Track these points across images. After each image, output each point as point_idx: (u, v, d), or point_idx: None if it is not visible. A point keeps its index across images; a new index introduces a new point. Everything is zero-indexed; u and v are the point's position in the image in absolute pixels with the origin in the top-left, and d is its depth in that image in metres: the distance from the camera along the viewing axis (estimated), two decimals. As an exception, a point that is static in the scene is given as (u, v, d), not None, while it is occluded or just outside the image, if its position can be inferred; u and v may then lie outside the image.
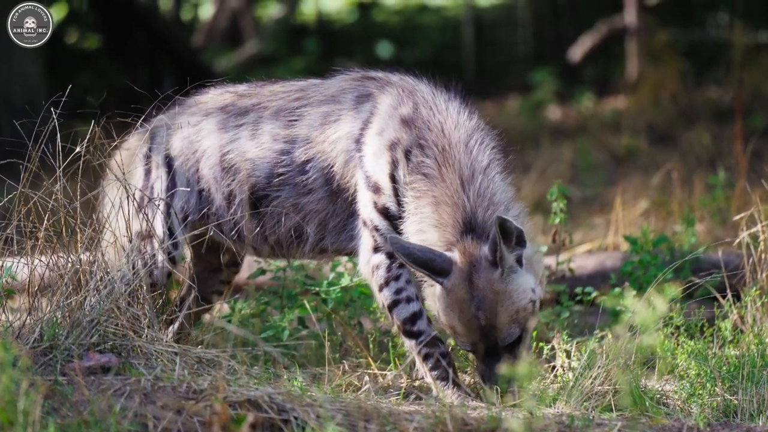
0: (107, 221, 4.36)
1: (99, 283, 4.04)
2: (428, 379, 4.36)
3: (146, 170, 4.66)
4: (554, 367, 4.50)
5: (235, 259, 4.94)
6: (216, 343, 4.45)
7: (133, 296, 4.09)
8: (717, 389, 4.17)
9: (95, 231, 4.23)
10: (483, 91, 15.20)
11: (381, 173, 4.38)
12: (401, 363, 4.61)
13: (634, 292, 4.87)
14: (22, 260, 4.24)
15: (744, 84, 11.38)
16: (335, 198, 4.50)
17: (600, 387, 4.12)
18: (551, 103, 14.10)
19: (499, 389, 4.12)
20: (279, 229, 4.55)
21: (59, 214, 4.21)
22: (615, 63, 15.55)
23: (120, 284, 4.02)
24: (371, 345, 4.86)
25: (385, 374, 4.63)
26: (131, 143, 4.71)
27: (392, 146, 4.37)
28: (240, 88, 4.77)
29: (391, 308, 4.39)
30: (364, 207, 4.42)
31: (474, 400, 4.21)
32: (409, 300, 4.38)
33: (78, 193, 4.25)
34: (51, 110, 4.22)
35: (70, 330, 3.89)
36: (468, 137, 4.37)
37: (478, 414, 3.72)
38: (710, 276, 4.82)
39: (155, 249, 4.44)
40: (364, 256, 4.45)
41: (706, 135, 10.46)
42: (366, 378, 4.59)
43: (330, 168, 4.48)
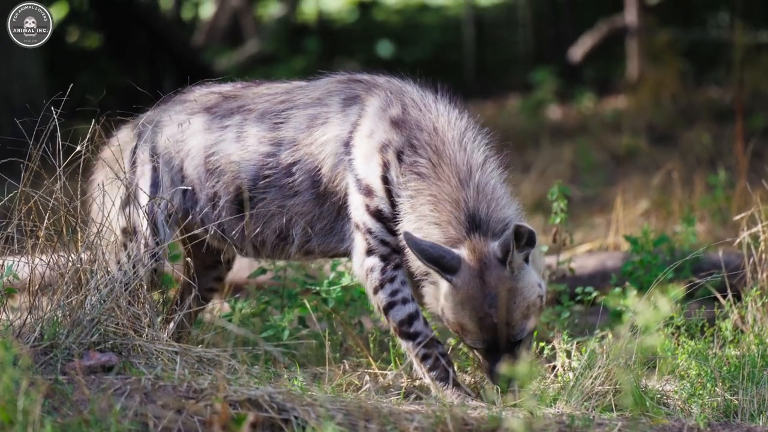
0: (94, 217, 4.37)
1: (99, 282, 4.04)
2: (426, 380, 4.35)
3: (132, 166, 4.66)
4: (555, 367, 4.50)
5: (227, 257, 4.93)
6: (216, 343, 4.45)
7: (134, 295, 4.09)
8: (717, 389, 4.16)
9: (95, 230, 4.23)
10: (483, 91, 15.21)
11: (372, 176, 4.36)
12: (402, 363, 4.61)
13: (636, 292, 4.88)
14: (23, 259, 4.23)
15: (744, 84, 11.37)
16: (322, 200, 4.49)
17: (600, 387, 4.12)
18: (551, 103, 14.08)
19: (503, 387, 4.13)
20: (265, 231, 4.54)
21: (60, 213, 4.21)
22: (615, 63, 15.53)
23: (120, 285, 4.02)
24: (372, 344, 4.86)
25: (386, 374, 4.63)
26: (119, 138, 4.71)
27: (383, 148, 4.36)
28: (225, 88, 4.75)
29: (387, 310, 4.38)
30: (356, 210, 4.41)
31: (474, 400, 4.22)
32: (405, 301, 4.38)
33: (78, 192, 4.26)
34: (51, 109, 4.22)
35: (71, 329, 3.89)
36: (461, 135, 4.37)
37: (479, 414, 3.72)
38: (711, 276, 4.82)
39: (140, 245, 4.43)
40: (358, 259, 4.44)
41: (707, 135, 10.45)
42: (366, 377, 4.59)
43: (317, 170, 4.47)
